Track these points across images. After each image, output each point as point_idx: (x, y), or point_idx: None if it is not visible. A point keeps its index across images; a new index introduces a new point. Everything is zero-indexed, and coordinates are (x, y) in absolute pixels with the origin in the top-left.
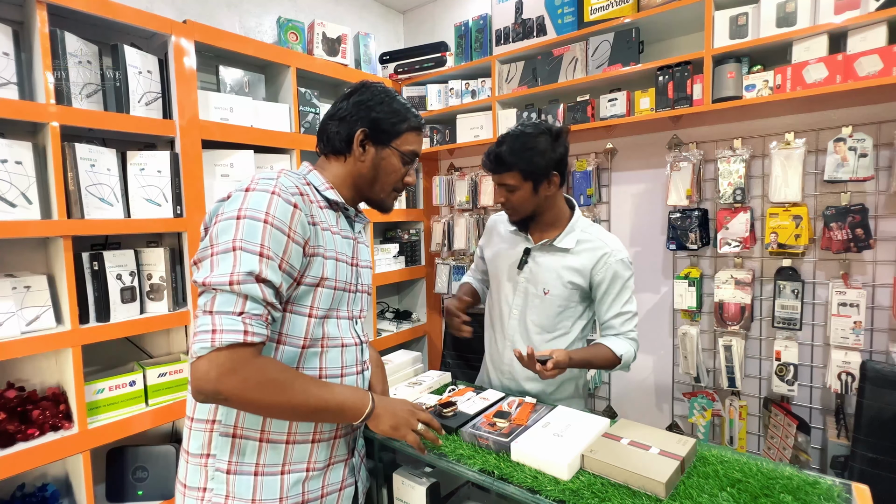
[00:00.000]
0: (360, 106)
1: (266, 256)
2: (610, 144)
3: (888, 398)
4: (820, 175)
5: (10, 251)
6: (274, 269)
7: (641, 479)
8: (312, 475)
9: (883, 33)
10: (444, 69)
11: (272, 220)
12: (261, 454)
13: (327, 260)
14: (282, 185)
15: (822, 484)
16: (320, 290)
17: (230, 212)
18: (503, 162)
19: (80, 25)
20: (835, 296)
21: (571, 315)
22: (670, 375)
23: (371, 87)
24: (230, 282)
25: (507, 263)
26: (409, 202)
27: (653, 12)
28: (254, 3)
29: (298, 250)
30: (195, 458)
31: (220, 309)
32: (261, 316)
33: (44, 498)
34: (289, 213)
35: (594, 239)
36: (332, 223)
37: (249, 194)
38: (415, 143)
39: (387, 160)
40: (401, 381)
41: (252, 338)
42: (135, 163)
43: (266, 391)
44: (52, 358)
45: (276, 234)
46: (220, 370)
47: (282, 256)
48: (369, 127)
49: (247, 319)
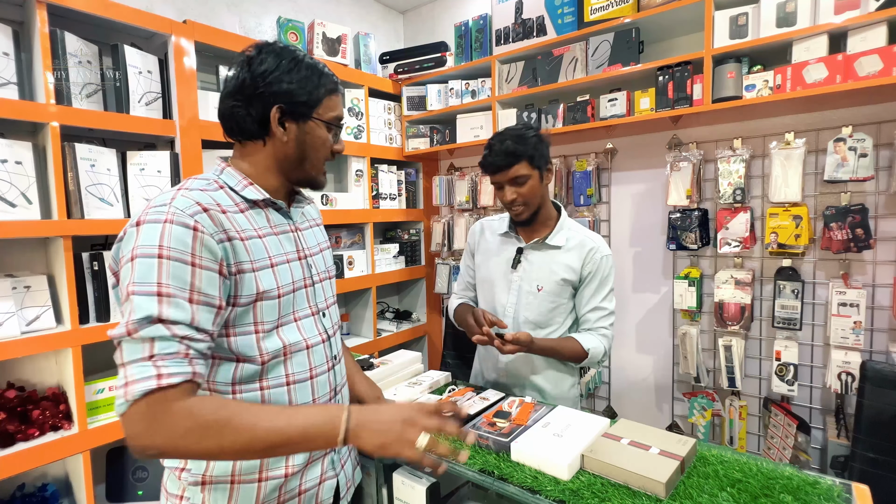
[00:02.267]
0: (266, 77)
1: (165, 295)
2: (610, 144)
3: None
4: (820, 175)
5: (10, 251)
6: (179, 304)
7: (641, 479)
8: (291, 478)
9: (883, 33)
10: (444, 69)
11: (168, 253)
12: (236, 464)
13: (259, 272)
14: (176, 209)
15: (822, 484)
16: (260, 305)
17: (126, 254)
18: (514, 153)
19: (80, 25)
20: (835, 296)
21: (563, 310)
22: (670, 375)
23: (272, 49)
24: (128, 331)
25: (501, 264)
26: (409, 202)
27: (653, 12)
28: (254, 3)
29: (211, 276)
30: (170, 470)
31: (129, 359)
32: (176, 354)
33: (44, 498)
34: (188, 238)
35: (581, 236)
36: (259, 225)
37: (140, 228)
38: (336, 106)
39: (311, 134)
40: (401, 381)
41: (168, 380)
42: (135, 163)
43: (201, 437)
44: (52, 358)
45: (175, 266)
46: (144, 423)
47: (189, 289)
48: (284, 101)
49: (158, 362)
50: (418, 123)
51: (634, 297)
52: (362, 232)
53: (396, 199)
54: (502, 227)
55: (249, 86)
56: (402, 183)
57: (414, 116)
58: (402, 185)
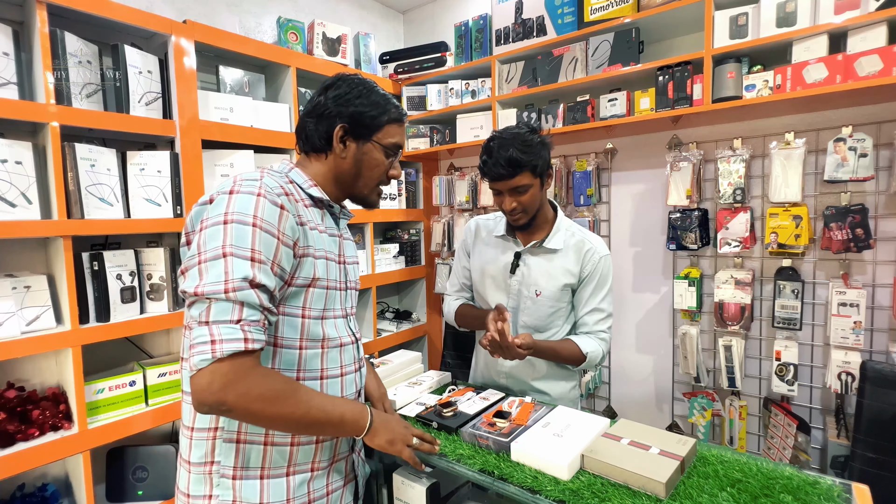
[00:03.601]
0: (338, 100)
1: (258, 261)
2: (610, 144)
3: (888, 398)
4: (820, 175)
5: (10, 251)
6: (266, 272)
7: (641, 479)
8: (317, 474)
9: (883, 33)
10: (444, 69)
11: (260, 223)
12: (266, 457)
13: (317, 260)
14: (267, 186)
15: (822, 484)
16: (312, 291)
17: (216, 216)
18: (519, 163)
19: (80, 25)
20: (835, 296)
21: (563, 314)
22: (670, 375)
23: (348, 79)
24: (225, 290)
25: (497, 268)
26: (409, 202)
27: (653, 12)
28: (254, 3)
29: (289, 252)
30: (198, 466)
31: (217, 318)
32: (258, 322)
33: (44, 498)
34: (276, 214)
35: (579, 237)
36: (318, 221)
37: (234, 197)
38: (397, 134)
39: (369, 155)
40: (401, 381)
41: (253, 345)
42: (135, 163)
43: (269, 402)
44: (52, 358)
45: (266, 237)
46: (224, 381)
47: (272, 259)
48: (349, 122)
49: (245, 327)
50: (418, 123)
51: (634, 297)
52: (362, 232)
53: (396, 199)
54: (499, 228)
55: (322, 105)
56: (402, 183)
57: (414, 116)
58: (402, 185)
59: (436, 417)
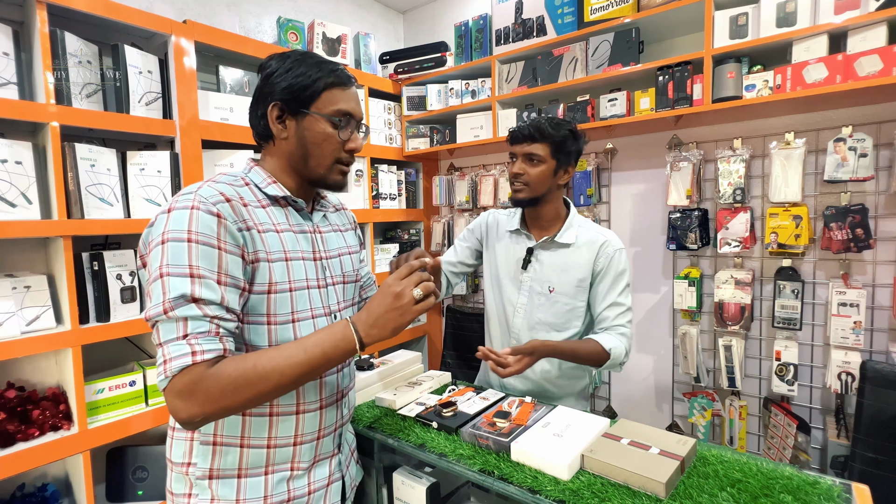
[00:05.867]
0: (269, 80)
1: (197, 276)
2: (610, 144)
3: (888, 398)
4: (820, 175)
5: (10, 251)
6: (209, 285)
7: (641, 479)
8: (297, 474)
9: (883, 33)
10: (444, 69)
11: (196, 238)
12: (242, 459)
13: (273, 263)
14: (201, 197)
15: (822, 484)
16: (273, 297)
17: (156, 238)
18: (541, 130)
19: (80, 25)
20: (835, 296)
21: (580, 313)
22: (670, 375)
23: (280, 56)
24: (164, 310)
25: (510, 263)
26: (409, 202)
27: (653, 12)
28: (254, 3)
29: (236, 259)
30: (178, 466)
31: (166, 338)
32: (208, 332)
33: (44, 498)
34: (213, 224)
35: (592, 232)
36: (277, 221)
37: (171, 215)
38: (340, 100)
39: (311, 129)
40: (401, 381)
41: (202, 356)
42: (135, 163)
43: (236, 392)
44: (52, 358)
45: (204, 249)
46: (182, 396)
47: (217, 270)
48: (281, 98)
49: (192, 340)
50: (418, 123)
51: (634, 297)
52: (362, 232)
53: (396, 199)
54: (512, 223)
55: (258, 89)
56: (402, 183)
57: (414, 116)
58: (402, 185)
59: (436, 417)
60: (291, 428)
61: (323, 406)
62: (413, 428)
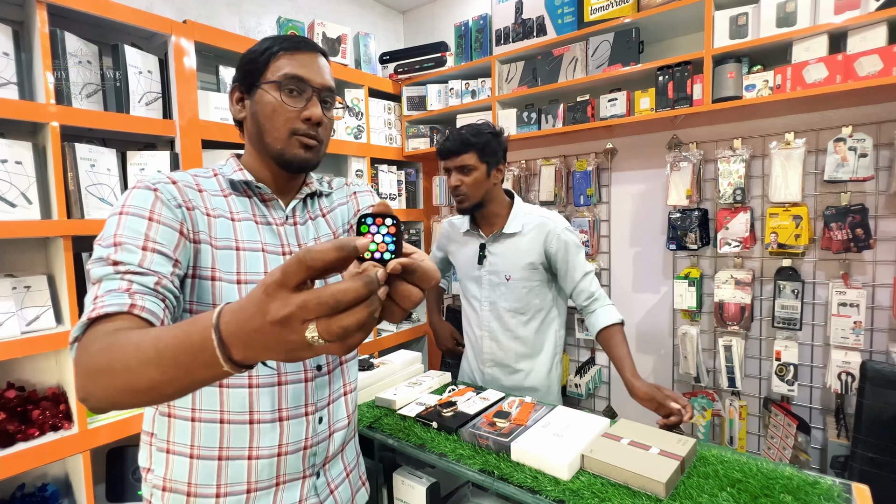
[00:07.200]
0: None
1: (119, 243)
2: (610, 144)
3: (888, 398)
4: (820, 175)
5: (10, 251)
6: (130, 249)
7: (641, 479)
8: (257, 495)
9: (883, 33)
10: (444, 69)
11: (128, 210)
12: (192, 472)
13: (218, 251)
14: (144, 179)
15: (822, 484)
16: (220, 286)
17: None
18: (466, 142)
19: (80, 25)
20: (835, 296)
21: (539, 292)
22: (670, 375)
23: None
24: (88, 277)
25: (468, 262)
26: (409, 202)
27: (653, 12)
28: (254, 3)
29: (169, 231)
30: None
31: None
32: (117, 289)
33: (44, 498)
34: (148, 198)
35: (538, 219)
36: (237, 210)
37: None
38: (287, 65)
39: (260, 102)
40: (401, 381)
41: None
42: (135, 163)
43: (94, 374)
44: (52, 358)
45: (132, 220)
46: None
47: (144, 238)
48: (238, 80)
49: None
50: (418, 123)
51: (634, 297)
52: None
53: (396, 199)
54: (464, 224)
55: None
56: (402, 183)
57: (414, 116)
58: (402, 185)
59: (436, 417)
60: (245, 439)
61: (283, 418)
62: (413, 428)
